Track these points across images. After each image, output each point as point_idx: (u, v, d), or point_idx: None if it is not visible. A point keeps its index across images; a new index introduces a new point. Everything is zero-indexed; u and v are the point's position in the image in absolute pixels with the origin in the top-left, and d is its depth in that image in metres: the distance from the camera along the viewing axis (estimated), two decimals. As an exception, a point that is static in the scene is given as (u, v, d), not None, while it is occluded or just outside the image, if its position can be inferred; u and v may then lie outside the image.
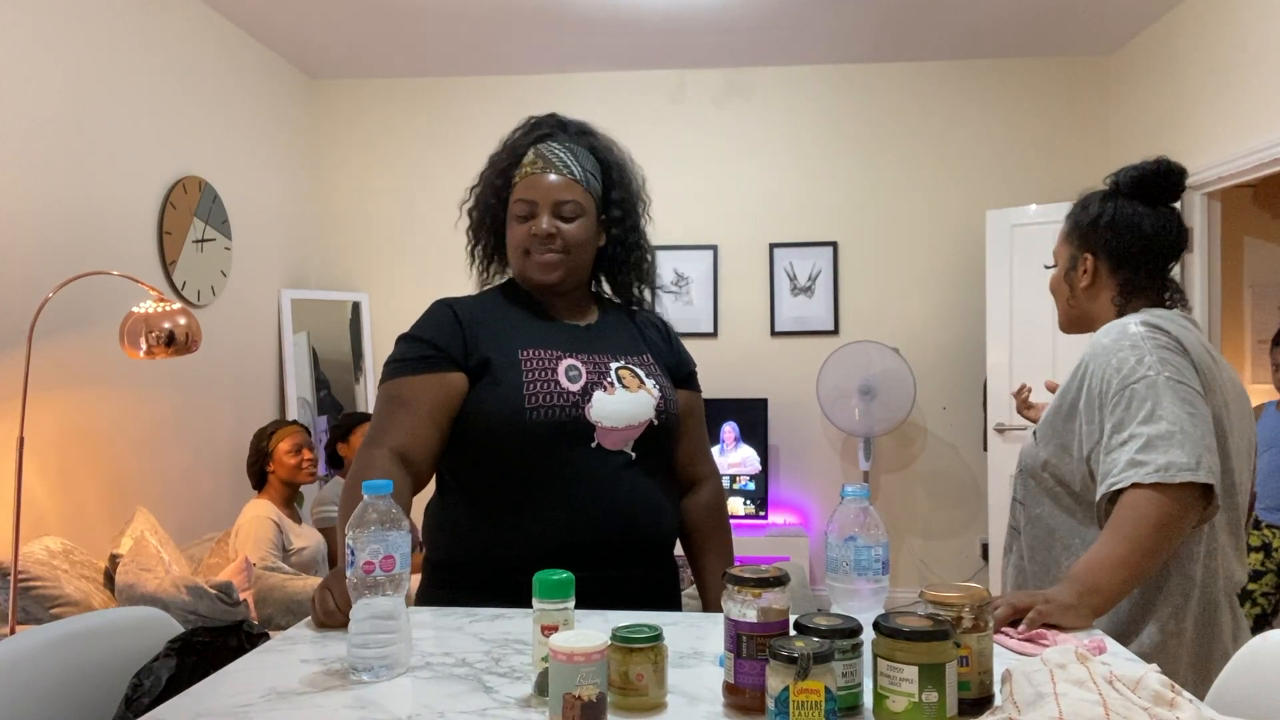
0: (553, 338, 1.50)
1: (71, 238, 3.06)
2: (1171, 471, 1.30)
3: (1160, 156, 1.57)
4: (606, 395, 1.45)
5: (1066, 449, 1.50)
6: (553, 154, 1.52)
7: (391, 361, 1.49)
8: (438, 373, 1.45)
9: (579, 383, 1.44)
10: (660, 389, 1.51)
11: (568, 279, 1.52)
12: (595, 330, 1.56)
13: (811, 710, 0.81)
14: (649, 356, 1.57)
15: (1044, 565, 1.55)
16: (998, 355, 4.23)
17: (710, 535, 1.59)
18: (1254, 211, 4.82)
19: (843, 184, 4.68)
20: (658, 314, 1.69)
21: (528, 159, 1.52)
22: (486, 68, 4.67)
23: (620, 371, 1.49)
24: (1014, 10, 4.00)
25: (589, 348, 1.51)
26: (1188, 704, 0.84)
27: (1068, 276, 1.61)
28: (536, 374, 1.43)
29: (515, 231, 1.51)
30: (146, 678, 1.07)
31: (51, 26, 2.99)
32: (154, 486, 3.48)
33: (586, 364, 1.47)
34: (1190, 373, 1.40)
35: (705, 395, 5.15)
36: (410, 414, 1.42)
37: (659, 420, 1.48)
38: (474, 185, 1.61)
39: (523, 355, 1.45)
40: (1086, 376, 1.47)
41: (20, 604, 2.44)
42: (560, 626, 0.98)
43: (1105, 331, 1.49)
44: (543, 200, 1.49)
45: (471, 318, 1.50)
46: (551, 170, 1.50)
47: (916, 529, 4.65)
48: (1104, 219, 1.55)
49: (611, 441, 1.44)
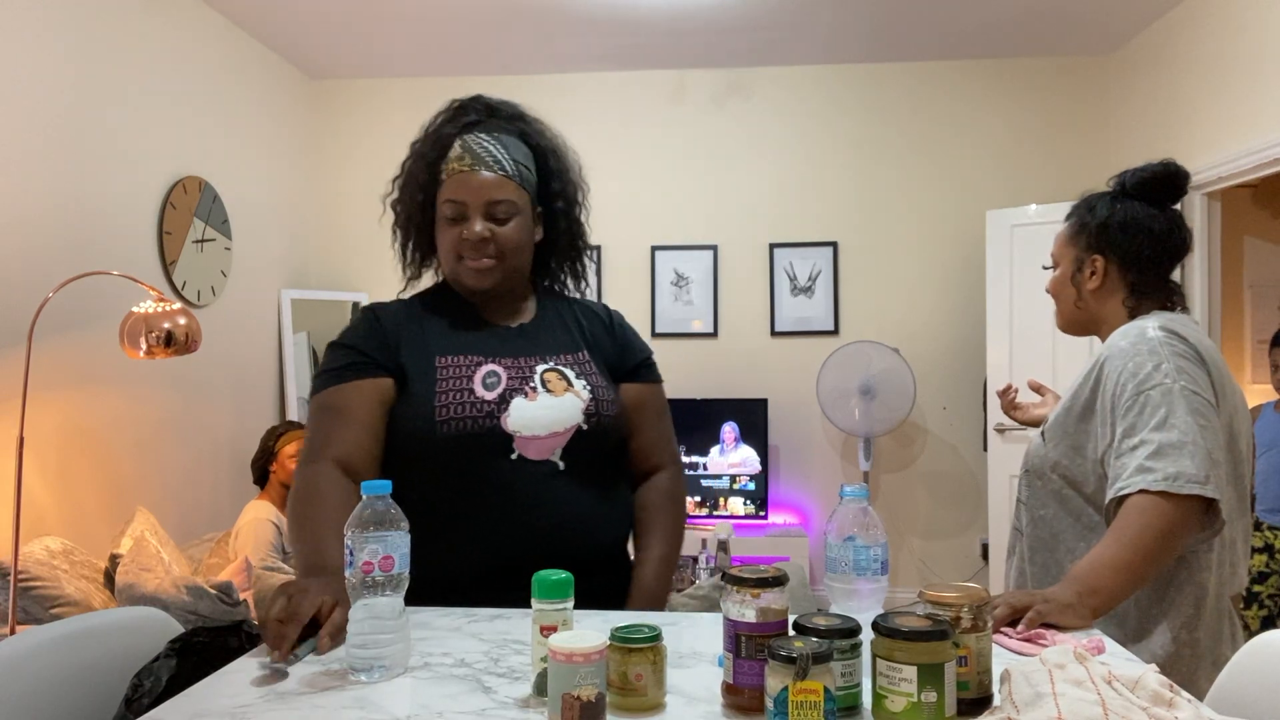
0: (476, 343, 1.42)
1: (71, 238, 3.06)
2: (1180, 482, 1.30)
3: (1166, 158, 1.56)
4: (527, 402, 1.37)
5: (1079, 450, 1.49)
6: (481, 148, 1.42)
7: (321, 372, 1.42)
8: (369, 378, 1.38)
9: (496, 390, 1.36)
10: (592, 390, 1.42)
11: (504, 284, 1.45)
12: (527, 331, 1.47)
13: (810, 710, 0.81)
14: (585, 354, 1.48)
15: (1044, 567, 1.54)
16: (998, 355, 4.23)
17: (657, 515, 1.48)
18: (1254, 211, 4.81)
19: (843, 184, 4.68)
20: (602, 304, 1.59)
21: (454, 153, 1.42)
22: (486, 68, 4.67)
23: (546, 375, 1.40)
24: (1014, 10, 4.00)
25: (515, 350, 1.43)
26: (1186, 704, 0.84)
27: (1074, 279, 1.60)
28: (450, 382, 1.36)
29: (446, 234, 1.42)
30: (146, 678, 1.07)
31: (52, 27, 2.99)
32: (154, 486, 3.48)
33: (509, 369, 1.40)
34: (1205, 383, 1.40)
35: (705, 395, 5.10)
36: (347, 423, 1.35)
37: (589, 425, 1.39)
38: (396, 176, 1.51)
39: (439, 363, 1.38)
40: (1102, 378, 1.46)
41: (20, 604, 2.44)
42: (559, 627, 0.98)
43: (1123, 334, 1.47)
44: (473, 201, 1.39)
45: (395, 323, 1.43)
46: (481, 167, 1.40)
47: (916, 529, 4.65)
48: (1115, 220, 1.54)
49: (534, 451, 1.35)
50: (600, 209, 4.73)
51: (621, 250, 4.75)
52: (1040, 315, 4.03)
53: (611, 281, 4.76)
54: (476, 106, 1.49)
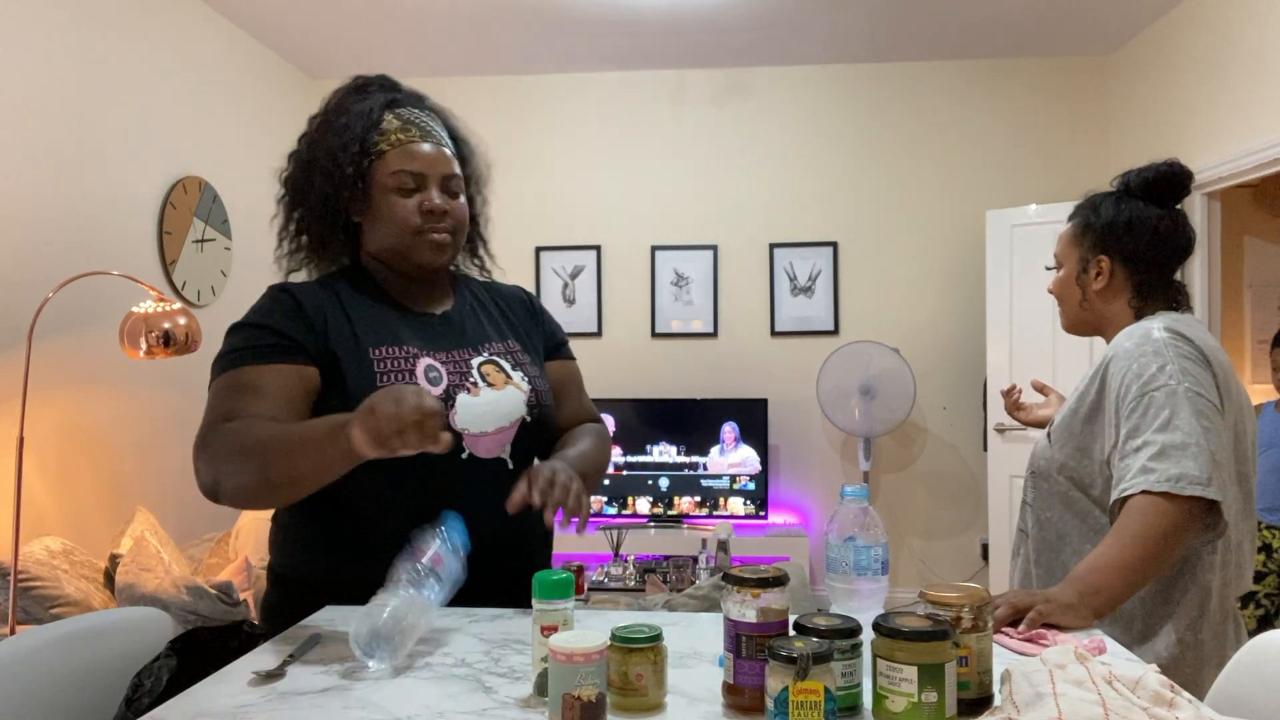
0: (407, 333, 1.32)
1: (71, 238, 3.06)
2: (1182, 483, 1.30)
3: (1171, 158, 1.56)
4: (471, 398, 1.29)
5: (1086, 451, 1.49)
6: (423, 123, 1.36)
7: (228, 352, 1.24)
8: (291, 363, 1.23)
9: (440, 386, 1.28)
10: (530, 381, 1.37)
11: (450, 261, 1.38)
12: (452, 320, 1.39)
13: (811, 710, 0.81)
14: (514, 342, 1.42)
15: (1049, 569, 1.54)
16: (998, 355, 4.23)
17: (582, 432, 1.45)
18: (1254, 211, 4.81)
19: (843, 184, 4.68)
20: (518, 286, 1.55)
21: (392, 124, 1.34)
22: (486, 68, 4.67)
23: (483, 368, 1.34)
24: (1014, 10, 4.00)
25: (448, 343, 1.35)
26: (1187, 704, 0.84)
27: (1079, 279, 1.59)
28: (392, 377, 1.26)
29: (400, 206, 1.31)
30: (147, 678, 1.07)
31: (52, 27, 2.99)
32: (154, 486, 3.48)
33: (446, 363, 1.31)
34: (1210, 384, 1.40)
35: (705, 395, 5.10)
36: (264, 401, 1.19)
37: (532, 416, 1.35)
38: (295, 152, 1.38)
39: (375, 354, 1.27)
40: (1107, 379, 1.46)
41: (20, 604, 2.44)
42: (560, 626, 0.98)
43: (1128, 335, 1.47)
44: (430, 173, 1.33)
45: (317, 306, 1.29)
46: (429, 140, 1.34)
47: (916, 529, 4.65)
48: (1120, 220, 1.54)
49: (484, 448, 1.29)
50: (600, 209, 4.73)
51: (621, 250, 4.75)
52: (1040, 315, 4.03)
53: (611, 281, 4.76)
54: (386, 84, 1.40)
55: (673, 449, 4.49)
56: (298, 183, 1.37)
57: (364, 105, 1.35)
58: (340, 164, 1.32)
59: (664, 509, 4.48)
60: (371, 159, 1.33)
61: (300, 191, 1.37)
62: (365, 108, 1.34)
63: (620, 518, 4.48)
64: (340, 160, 1.32)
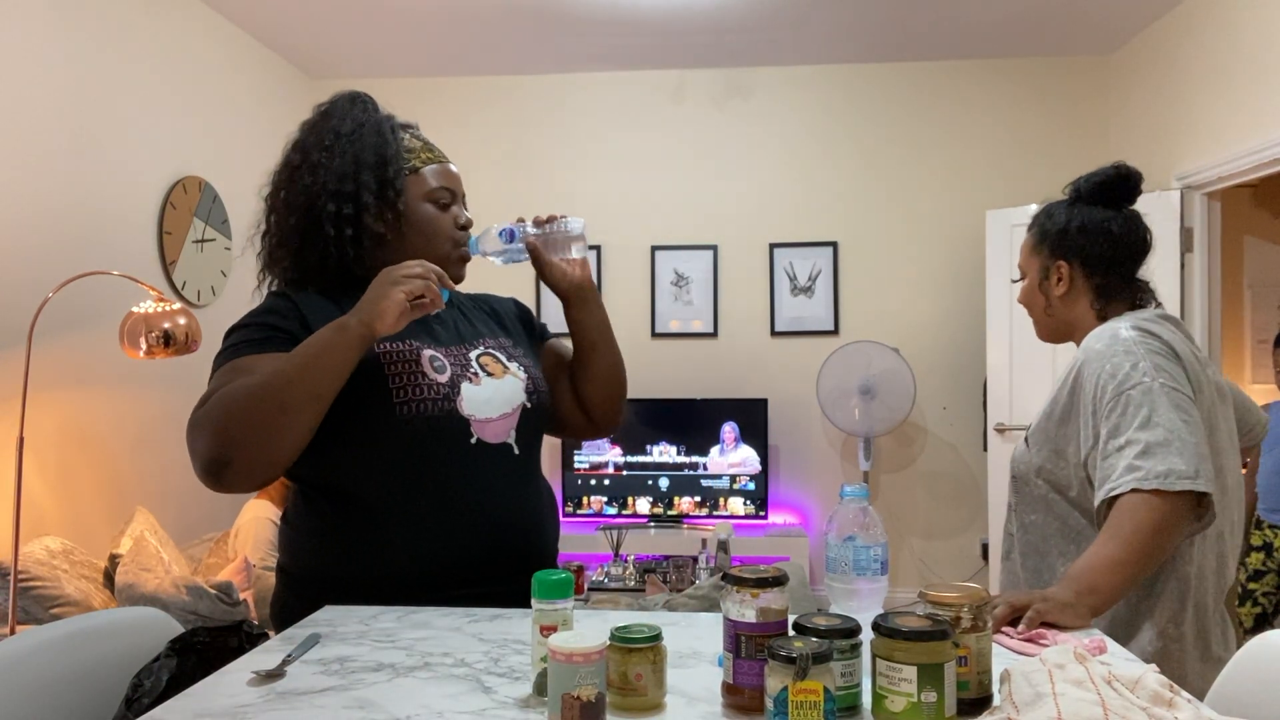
0: (406, 330, 1.34)
1: (71, 238, 3.06)
2: (1171, 479, 1.31)
3: (1118, 161, 1.60)
4: (474, 386, 1.34)
5: (1061, 454, 1.50)
6: (435, 145, 1.45)
7: (233, 345, 1.27)
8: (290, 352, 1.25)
9: (445, 374, 1.32)
10: (525, 370, 1.42)
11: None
12: (445, 320, 1.43)
13: (810, 710, 0.81)
14: (505, 339, 1.47)
15: (1035, 571, 1.55)
16: (998, 355, 4.23)
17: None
18: (1254, 211, 4.82)
19: (843, 184, 4.68)
20: (511, 297, 1.60)
21: (417, 145, 1.41)
22: (486, 68, 4.67)
23: (482, 359, 1.38)
24: (1014, 10, 4.00)
25: (447, 339, 1.39)
26: (1186, 704, 0.84)
27: (1042, 287, 1.62)
28: (400, 365, 1.29)
29: (441, 219, 1.39)
30: (147, 678, 1.07)
31: (51, 27, 2.99)
32: (154, 486, 3.48)
33: (447, 355, 1.35)
34: (1182, 377, 1.42)
35: (705, 395, 5.12)
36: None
37: (531, 403, 1.39)
38: (298, 166, 1.39)
39: (379, 348, 1.30)
40: (1080, 381, 1.48)
41: (20, 604, 2.44)
42: (559, 626, 0.98)
43: (1097, 336, 1.49)
44: (459, 191, 1.43)
45: (316, 306, 1.33)
46: (451, 162, 1.44)
47: (916, 529, 4.65)
48: (1074, 225, 1.57)
49: (492, 434, 1.33)
50: (600, 209, 4.73)
51: (621, 250, 4.75)
52: (1040, 315, 4.03)
53: (611, 281, 4.76)
54: (375, 104, 1.45)
55: (673, 449, 4.49)
56: (308, 188, 1.36)
57: (372, 119, 1.39)
58: (362, 182, 1.34)
59: (664, 509, 4.48)
60: (405, 173, 1.38)
61: (317, 207, 1.35)
62: (375, 122, 1.39)
63: (620, 518, 4.48)
64: (358, 176, 1.34)
